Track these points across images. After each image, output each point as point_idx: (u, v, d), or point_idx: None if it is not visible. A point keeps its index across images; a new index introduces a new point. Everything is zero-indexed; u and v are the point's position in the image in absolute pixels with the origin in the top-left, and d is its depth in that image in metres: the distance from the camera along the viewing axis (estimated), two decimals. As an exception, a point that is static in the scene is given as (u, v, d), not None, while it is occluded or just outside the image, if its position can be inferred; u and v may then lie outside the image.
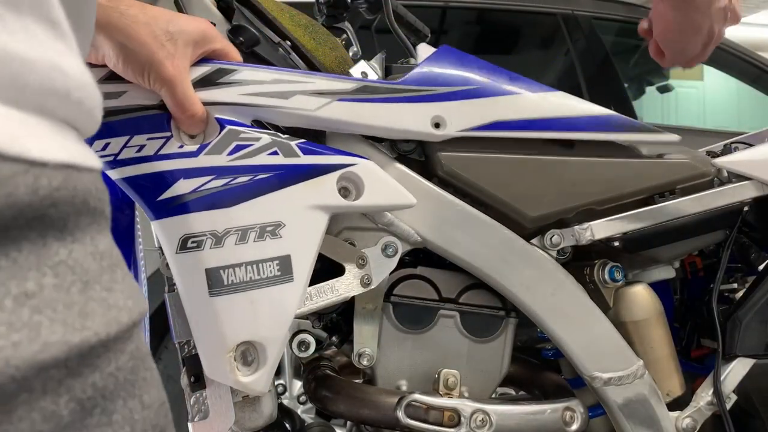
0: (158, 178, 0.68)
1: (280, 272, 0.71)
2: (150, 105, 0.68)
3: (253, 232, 0.70)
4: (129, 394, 0.29)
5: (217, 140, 0.70)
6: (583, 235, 0.85)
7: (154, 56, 0.65)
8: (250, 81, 0.73)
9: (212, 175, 0.70)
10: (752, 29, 8.64)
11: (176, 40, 0.66)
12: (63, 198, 0.26)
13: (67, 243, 0.27)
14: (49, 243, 0.26)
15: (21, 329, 0.24)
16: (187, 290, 0.70)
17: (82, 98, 0.29)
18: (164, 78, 0.66)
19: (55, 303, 0.25)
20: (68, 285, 0.26)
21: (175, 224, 0.69)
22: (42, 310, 0.25)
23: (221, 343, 0.71)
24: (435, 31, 3.05)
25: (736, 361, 0.93)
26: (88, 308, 0.27)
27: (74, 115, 0.29)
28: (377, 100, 0.78)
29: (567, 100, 0.87)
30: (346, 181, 0.75)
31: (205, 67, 0.71)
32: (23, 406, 0.24)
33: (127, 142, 0.67)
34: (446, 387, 0.85)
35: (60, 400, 0.25)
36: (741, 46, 3.19)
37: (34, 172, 0.24)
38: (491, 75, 0.84)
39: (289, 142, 0.73)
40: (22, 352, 0.23)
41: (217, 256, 0.70)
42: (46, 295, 0.25)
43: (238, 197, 0.70)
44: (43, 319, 0.25)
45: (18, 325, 0.24)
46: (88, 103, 0.29)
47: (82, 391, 0.26)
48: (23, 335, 0.24)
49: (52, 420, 0.25)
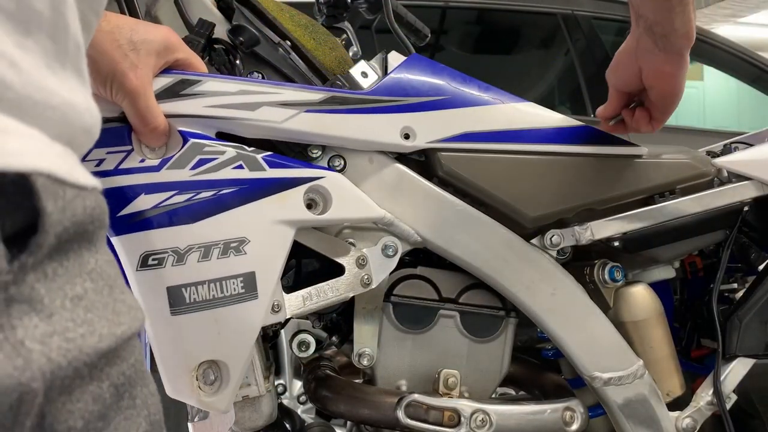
0: (118, 194, 0.67)
1: (245, 290, 0.70)
2: (110, 117, 0.67)
3: (217, 248, 0.69)
4: (142, 382, 0.35)
5: (180, 154, 0.69)
6: (583, 235, 0.85)
7: (117, 66, 0.63)
8: (215, 92, 0.71)
9: (174, 190, 0.68)
10: (752, 29, 8.65)
11: (139, 50, 0.64)
12: (96, 215, 0.31)
13: (93, 253, 0.31)
14: (83, 253, 0.30)
15: (82, 324, 0.29)
16: (148, 309, 0.69)
17: (95, 132, 0.34)
18: (127, 89, 0.64)
19: (97, 303, 0.30)
20: (101, 288, 0.31)
21: (136, 241, 0.67)
22: (90, 309, 0.30)
23: (183, 362, 0.70)
24: (435, 31, 3.06)
25: (736, 361, 0.93)
26: (117, 308, 0.32)
27: (87, 146, 0.34)
28: (345, 111, 0.76)
29: (538, 111, 0.87)
30: (314, 194, 0.74)
31: (168, 78, 0.69)
32: (79, 390, 0.29)
33: (86, 155, 0.65)
34: (446, 387, 0.85)
35: (103, 385, 0.30)
36: (741, 46, 3.19)
37: (83, 195, 0.30)
38: (462, 85, 0.83)
39: (255, 155, 0.71)
40: (88, 342, 0.29)
41: (179, 273, 0.68)
42: (90, 297, 0.30)
43: (201, 213, 0.69)
44: (93, 316, 0.30)
45: (79, 321, 0.29)
46: (96, 134, 0.35)
47: (117, 377, 0.32)
48: (85, 329, 0.29)
49: (99, 401, 0.30)
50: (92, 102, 0.34)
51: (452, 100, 0.82)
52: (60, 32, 0.31)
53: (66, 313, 0.28)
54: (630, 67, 0.84)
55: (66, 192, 0.28)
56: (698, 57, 3.43)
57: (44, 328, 0.26)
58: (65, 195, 0.28)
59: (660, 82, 0.82)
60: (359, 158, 0.79)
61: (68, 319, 0.28)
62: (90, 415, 0.29)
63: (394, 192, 0.80)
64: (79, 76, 0.33)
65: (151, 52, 0.66)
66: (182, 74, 0.70)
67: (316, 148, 0.78)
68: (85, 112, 0.33)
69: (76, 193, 0.29)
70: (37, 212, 0.27)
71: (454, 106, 0.82)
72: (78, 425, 0.28)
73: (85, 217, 0.30)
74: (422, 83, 0.81)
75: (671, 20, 0.76)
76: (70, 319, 0.28)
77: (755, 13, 8.18)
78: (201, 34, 0.81)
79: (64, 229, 0.28)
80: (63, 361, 0.27)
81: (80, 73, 0.33)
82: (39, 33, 0.29)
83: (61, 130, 0.30)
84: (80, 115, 0.32)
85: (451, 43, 3.26)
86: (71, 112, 0.31)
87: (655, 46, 0.79)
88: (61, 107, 0.30)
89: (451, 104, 0.82)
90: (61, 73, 0.31)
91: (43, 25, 0.30)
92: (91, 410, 0.29)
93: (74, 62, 0.33)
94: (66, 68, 0.32)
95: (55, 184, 0.27)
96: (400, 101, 0.79)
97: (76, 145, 0.32)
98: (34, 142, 0.28)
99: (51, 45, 0.30)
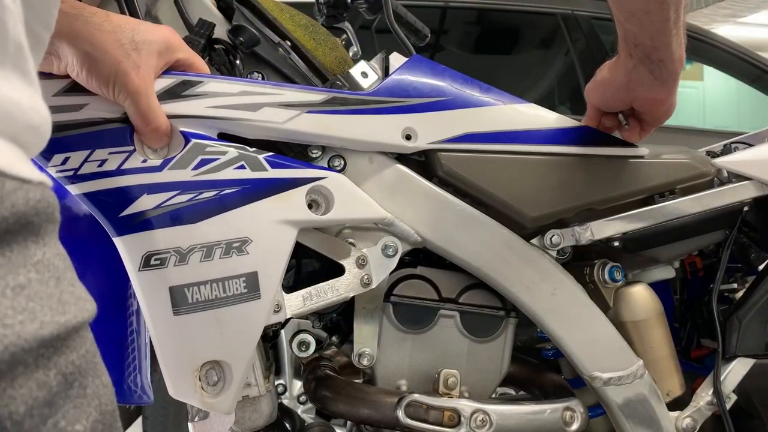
0: (120, 194, 0.67)
1: (247, 290, 0.70)
2: (112, 118, 0.67)
3: (219, 248, 0.69)
4: (95, 373, 0.36)
5: (182, 154, 0.69)
6: (583, 235, 0.85)
7: (119, 66, 0.63)
8: (217, 93, 0.71)
9: (177, 190, 0.68)
10: (752, 29, 8.65)
11: (141, 50, 0.64)
12: (41, 208, 0.32)
13: (40, 246, 0.33)
14: (29, 245, 0.32)
15: (23, 312, 0.30)
16: (150, 309, 0.69)
17: (44, 131, 0.36)
18: (129, 89, 0.64)
19: (41, 293, 0.32)
20: (47, 279, 0.32)
21: (138, 241, 0.67)
22: (33, 298, 0.31)
23: (186, 362, 0.70)
24: (435, 31, 3.06)
25: (736, 361, 0.93)
26: (63, 298, 0.33)
27: (37, 144, 0.36)
28: (347, 112, 0.76)
29: (538, 112, 0.87)
30: (316, 194, 0.74)
31: (170, 79, 0.69)
32: (22, 376, 0.30)
33: (88, 156, 0.65)
34: (446, 387, 0.85)
35: (50, 372, 0.32)
36: (741, 46, 3.19)
37: (26, 188, 0.31)
38: (463, 86, 0.84)
39: (257, 155, 0.71)
40: (27, 328, 0.30)
41: (182, 273, 0.68)
42: (33, 287, 0.31)
43: (203, 213, 0.69)
44: (36, 305, 0.31)
45: (19, 308, 0.30)
46: (45, 132, 0.36)
47: (65, 366, 0.33)
48: (25, 316, 0.30)
49: (45, 388, 0.31)
50: (40, 102, 0.35)
51: (453, 101, 0.82)
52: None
53: (6, 301, 0.29)
54: (619, 98, 0.85)
55: (5, 183, 0.30)
56: (698, 57, 3.43)
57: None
58: (4, 186, 0.30)
59: (654, 108, 0.84)
60: (359, 158, 0.79)
61: (8, 306, 0.29)
62: (34, 401, 0.31)
63: (394, 192, 0.80)
64: (23, 77, 0.35)
65: (153, 52, 0.66)
66: (184, 75, 0.70)
67: (316, 149, 0.78)
68: (30, 110, 0.34)
69: (18, 185, 0.30)
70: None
71: (455, 107, 0.82)
72: (20, 410, 0.30)
73: (29, 209, 0.31)
74: (424, 84, 0.82)
75: (669, 44, 0.77)
76: (9, 307, 0.29)
77: (755, 13, 8.18)
78: (201, 34, 0.81)
79: (2, 218, 0.29)
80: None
81: (24, 74, 0.35)
82: None
83: (3, 127, 0.32)
84: (24, 113, 0.33)
85: (451, 43, 3.26)
86: (14, 109, 0.32)
87: (651, 75, 0.80)
88: (2, 104, 0.32)
89: (452, 105, 0.82)
90: (1, 74, 0.32)
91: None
92: (35, 396, 0.31)
93: (15, 62, 0.34)
94: (5, 68, 0.33)
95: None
96: (401, 102, 0.79)
97: (23, 142, 0.33)
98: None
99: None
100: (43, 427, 0.31)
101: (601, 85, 0.86)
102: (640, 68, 0.80)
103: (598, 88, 0.87)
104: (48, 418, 0.31)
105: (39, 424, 0.31)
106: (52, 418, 0.32)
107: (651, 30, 0.76)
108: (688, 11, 7.62)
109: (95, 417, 0.35)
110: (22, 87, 0.34)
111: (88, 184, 0.66)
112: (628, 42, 0.79)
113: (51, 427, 0.32)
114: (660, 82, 0.80)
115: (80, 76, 0.64)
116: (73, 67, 0.63)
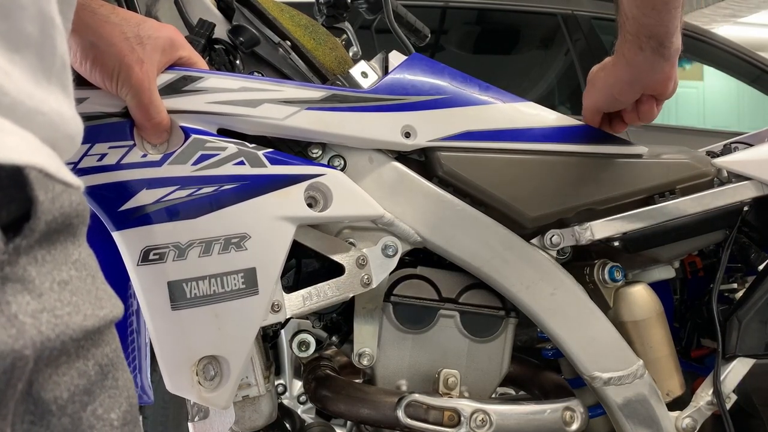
0: (120, 188, 0.67)
1: (245, 285, 0.70)
2: (112, 112, 0.67)
3: (218, 244, 0.69)
4: (122, 367, 0.38)
5: (182, 149, 0.69)
6: (583, 235, 0.85)
7: (124, 59, 0.63)
8: (217, 89, 0.71)
9: (176, 185, 0.68)
10: (752, 29, 8.65)
11: (146, 44, 0.65)
12: (81, 211, 0.35)
13: (77, 246, 0.35)
14: (68, 245, 0.34)
15: (68, 305, 0.32)
16: (148, 303, 0.69)
17: (78, 141, 0.38)
18: (132, 83, 0.64)
19: (81, 289, 0.34)
20: (84, 277, 0.35)
21: (137, 235, 0.68)
22: (75, 293, 0.33)
23: (183, 357, 0.70)
24: (435, 31, 3.05)
25: (736, 361, 0.93)
26: (99, 294, 0.36)
27: (70, 151, 0.38)
28: (346, 109, 0.76)
29: (538, 110, 0.87)
30: (314, 191, 0.74)
31: (171, 75, 0.69)
32: (65, 365, 0.32)
33: (88, 150, 0.66)
34: (446, 387, 0.85)
35: (89, 363, 0.34)
36: (741, 46, 3.19)
37: (69, 191, 0.33)
38: (462, 84, 0.84)
39: (256, 151, 0.71)
40: (74, 319, 0.32)
41: (180, 268, 0.68)
42: (75, 283, 0.33)
43: (202, 208, 0.69)
44: (78, 299, 0.33)
45: (65, 302, 0.32)
46: (79, 142, 0.39)
47: (101, 358, 0.35)
48: (71, 308, 0.32)
49: (84, 377, 0.34)
50: (76, 113, 0.38)
51: (453, 99, 0.82)
52: (47, 51, 0.35)
53: (54, 294, 0.31)
54: (629, 93, 0.84)
55: (55, 186, 0.32)
56: (698, 57, 3.43)
57: (35, 305, 0.30)
58: (54, 188, 0.32)
59: (665, 86, 0.84)
60: (359, 158, 0.79)
61: (56, 299, 0.31)
62: (76, 389, 0.33)
63: (394, 192, 0.80)
64: (64, 91, 0.37)
65: (157, 48, 0.66)
66: (184, 71, 0.70)
67: (316, 148, 0.78)
68: (71, 120, 0.37)
69: (63, 189, 0.33)
70: (30, 203, 0.30)
71: (454, 105, 0.82)
72: (64, 396, 0.32)
73: (71, 211, 0.33)
74: (423, 82, 0.82)
75: (678, 26, 0.79)
76: (57, 300, 0.32)
77: (755, 13, 8.17)
78: (201, 34, 0.81)
79: (53, 218, 0.31)
80: (52, 334, 0.30)
81: (65, 88, 0.37)
82: (27, 51, 0.34)
83: (49, 135, 0.34)
84: (66, 123, 0.36)
85: (451, 43, 3.26)
86: (58, 119, 0.35)
87: (661, 58, 0.80)
88: (49, 114, 0.34)
89: (451, 103, 0.82)
90: (46, 86, 0.35)
91: (31, 45, 0.34)
92: (77, 384, 0.33)
93: (60, 78, 0.37)
94: (51, 83, 0.36)
95: (45, 178, 0.31)
96: (401, 100, 0.79)
97: (60, 150, 0.36)
98: (27, 141, 0.31)
99: (37, 62, 0.34)
100: (83, 413, 0.34)
101: (604, 89, 0.86)
102: (651, 56, 0.80)
103: (601, 94, 0.86)
104: (87, 405, 0.34)
105: (80, 409, 0.33)
106: (90, 405, 0.34)
107: (667, 18, 0.77)
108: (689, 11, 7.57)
109: (125, 408, 0.38)
110: (63, 99, 0.36)
111: (87, 178, 0.66)
112: (640, 36, 0.79)
113: (90, 414, 0.34)
114: (668, 62, 0.81)
115: (83, 68, 0.64)
116: (77, 58, 0.63)
